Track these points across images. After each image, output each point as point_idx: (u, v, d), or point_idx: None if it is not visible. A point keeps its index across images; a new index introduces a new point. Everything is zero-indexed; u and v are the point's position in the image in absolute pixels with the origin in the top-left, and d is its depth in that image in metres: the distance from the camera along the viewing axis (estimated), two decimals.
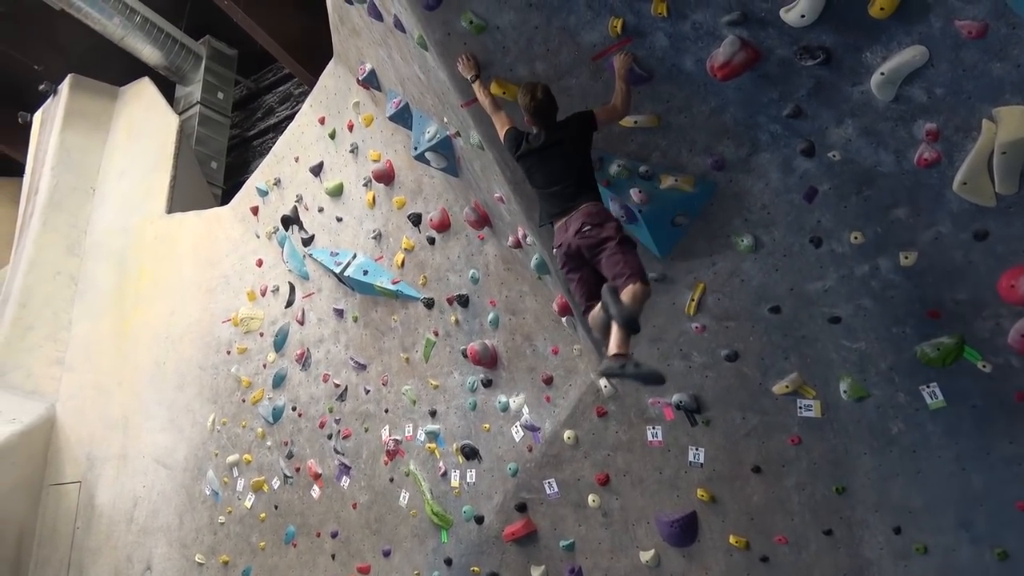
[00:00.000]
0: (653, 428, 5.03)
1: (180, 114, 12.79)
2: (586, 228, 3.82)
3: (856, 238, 4.03)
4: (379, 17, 5.25)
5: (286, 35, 10.97)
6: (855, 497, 4.35)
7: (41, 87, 13.37)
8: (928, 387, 4.04)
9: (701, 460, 4.85)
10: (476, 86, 4.26)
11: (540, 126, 3.99)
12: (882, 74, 3.52)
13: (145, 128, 12.40)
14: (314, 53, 10.02)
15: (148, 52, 12.72)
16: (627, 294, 3.58)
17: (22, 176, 13.97)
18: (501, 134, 4.20)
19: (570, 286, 4.08)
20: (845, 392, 4.29)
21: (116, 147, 12.76)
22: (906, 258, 3.91)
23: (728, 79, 3.85)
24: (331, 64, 7.66)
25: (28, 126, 14.01)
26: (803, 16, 3.47)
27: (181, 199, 11.37)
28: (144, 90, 12.90)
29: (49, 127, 13.09)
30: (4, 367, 11.06)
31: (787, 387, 4.47)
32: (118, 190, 12.17)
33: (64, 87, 13.12)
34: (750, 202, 4.29)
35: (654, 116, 4.21)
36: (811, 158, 3.97)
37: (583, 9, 3.93)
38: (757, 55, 3.74)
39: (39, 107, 13.84)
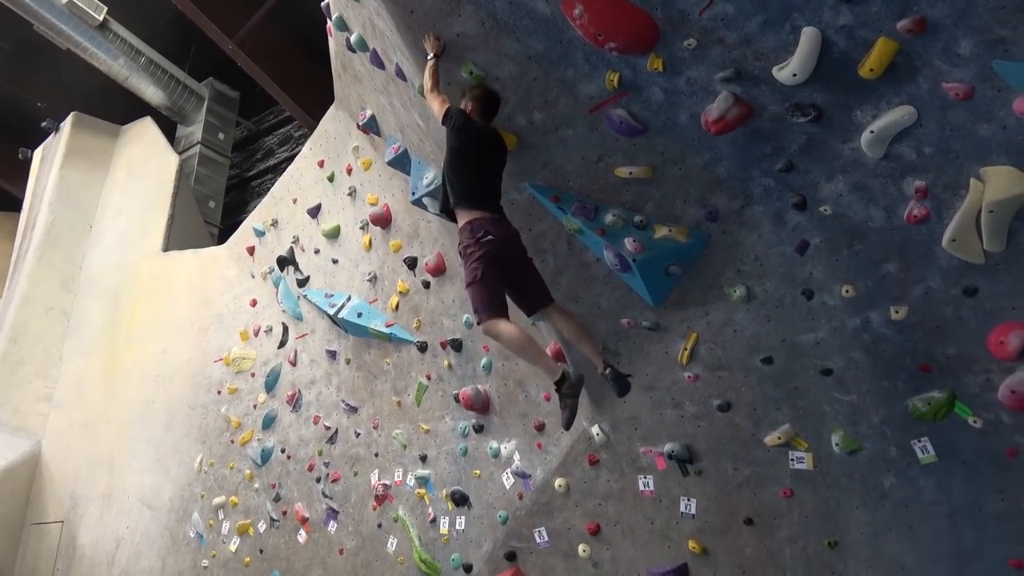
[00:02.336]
0: (645, 477, 5.00)
1: (180, 153, 12.92)
2: (517, 239, 4.16)
3: (847, 291, 4.07)
4: (381, 65, 5.36)
5: (288, 79, 11.17)
6: (847, 552, 4.31)
7: (43, 124, 13.53)
8: (919, 441, 4.03)
9: (693, 511, 4.81)
10: (431, 63, 4.19)
11: (483, 119, 4.10)
12: (872, 132, 3.60)
13: (145, 167, 12.51)
14: (315, 97, 10.19)
15: (151, 92, 12.91)
16: (563, 320, 4.27)
17: (19, 211, 14.03)
18: (441, 111, 4.13)
19: (486, 269, 3.91)
20: (837, 445, 4.29)
21: (115, 185, 12.85)
22: (897, 312, 3.95)
23: (722, 133, 3.93)
24: (332, 108, 7.78)
25: (28, 162, 14.12)
26: (795, 75, 3.56)
27: (178, 237, 11.42)
28: (145, 129, 13.05)
29: (49, 163, 13.19)
30: None
31: (779, 438, 4.47)
32: (115, 227, 12.21)
33: (66, 124, 13.26)
34: (743, 253, 4.35)
35: (649, 167, 4.28)
36: (803, 212, 4.04)
37: (581, 63, 4.02)
38: (750, 111, 3.83)
39: (40, 143, 13.97)
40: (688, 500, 4.83)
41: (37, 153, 14.02)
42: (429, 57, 4.21)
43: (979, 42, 3.18)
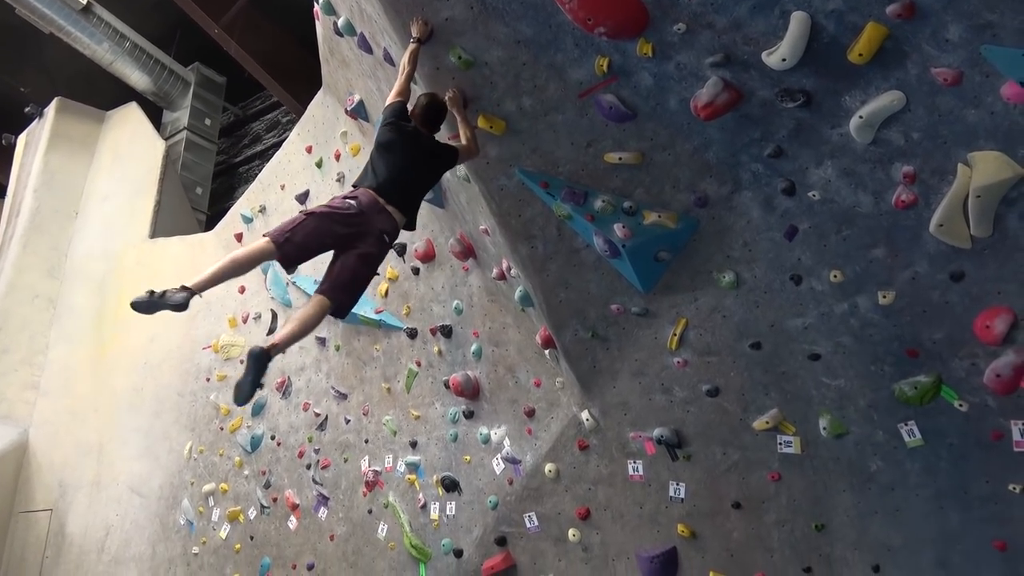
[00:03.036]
0: (634, 462, 5.03)
1: (167, 139, 12.80)
2: (385, 234, 3.87)
3: (836, 276, 4.08)
4: (369, 50, 5.31)
5: (275, 64, 11.08)
6: (834, 534, 4.36)
7: (27, 109, 13.35)
8: (906, 425, 4.07)
9: (682, 495, 4.85)
10: (412, 47, 4.11)
11: (422, 128, 4.08)
12: (860, 117, 3.60)
13: (131, 153, 12.39)
14: (303, 82, 10.11)
15: (136, 77, 12.76)
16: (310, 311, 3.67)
17: (4, 198, 13.88)
18: (391, 99, 4.14)
19: (314, 216, 3.77)
20: (825, 429, 4.32)
21: (101, 171, 12.72)
22: (884, 297, 3.97)
23: (711, 119, 3.92)
24: (320, 94, 7.72)
25: (12, 148, 13.96)
26: (784, 60, 3.56)
27: (165, 224, 11.34)
28: (131, 115, 12.91)
29: (33, 149, 13.05)
30: None
31: (767, 423, 4.50)
32: (101, 214, 12.11)
33: (50, 110, 13.10)
34: (732, 239, 4.35)
35: (638, 153, 4.28)
36: (792, 197, 4.05)
37: (570, 47, 4.00)
38: (739, 96, 3.82)
39: (24, 129, 13.81)
40: (677, 484, 4.86)
41: (21, 139, 13.85)
42: (412, 40, 4.13)
43: (968, 27, 3.18)
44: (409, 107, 4.21)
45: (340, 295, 3.80)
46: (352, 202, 3.84)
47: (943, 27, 3.22)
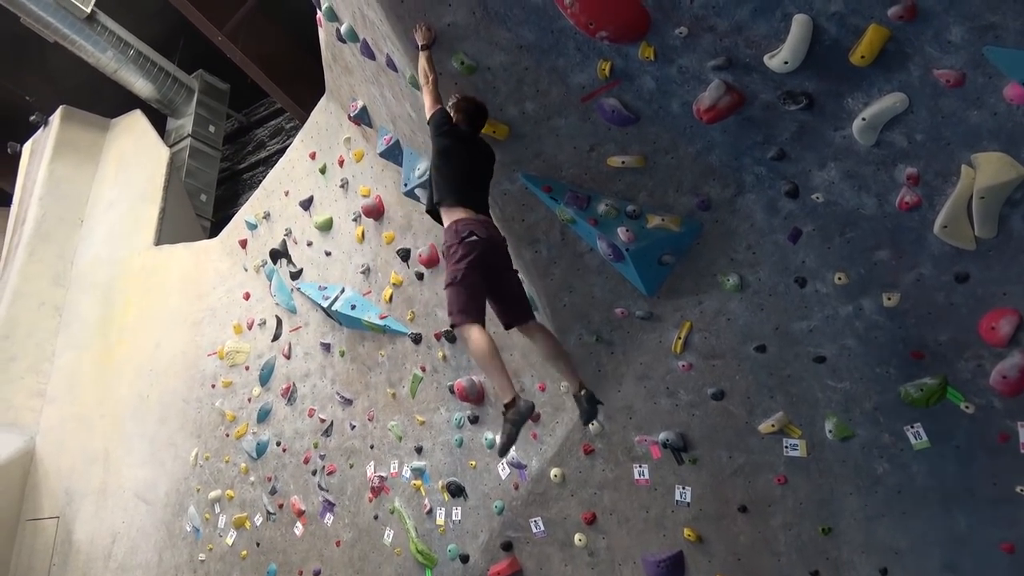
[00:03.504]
0: (640, 466, 5.02)
1: (171, 147, 12.86)
2: (503, 246, 4.09)
3: (840, 279, 4.08)
4: (372, 56, 5.33)
5: (279, 70, 11.11)
6: (841, 537, 4.34)
7: (32, 118, 13.43)
8: (912, 427, 4.06)
9: (688, 499, 4.84)
10: (423, 55, 4.13)
11: (469, 128, 4.11)
12: (863, 119, 3.60)
13: (135, 160, 12.44)
14: (306, 89, 10.15)
15: (141, 85, 12.82)
16: (542, 339, 4.12)
17: (9, 206, 13.94)
18: (431, 109, 4.11)
19: (466, 271, 3.79)
20: (830, 432, 4.31)
21: (106, 178, 12.78)
22: (889, 299, 3.96)
23: (714, 122, 3.93)
24: (323, 100, 7.74)
25: (17, 156, 14.03)
26: (786, 63, 3.56)
27: (169, 231, 11.38)
28: (135, 122, 12.97)
29: (39, 158, 13.11)
30: None
31: (773, 426, 4.49)
32: (106, 221, 12.16)
33: (55, 118, 13.18)
34: (736, 242, 4.35)
35: (641, 157, 4.28)
36: (795, 200, 4.04)
37: (572, 52, 4.01)
38: (742, 99, 3.82)
39: (29, 138, 13.87)
40: (683, 488, 4.85)
41: (26, 147, 13.93)
42: (420, 48, 4.15)
43: (970, 29, 3.18)
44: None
45: (523, 310, 4.18)
46: (474, 238, 3.86)
47: (945, 29, 3.22)
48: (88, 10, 11.48)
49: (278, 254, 8.34)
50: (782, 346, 4.41)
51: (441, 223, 4.11)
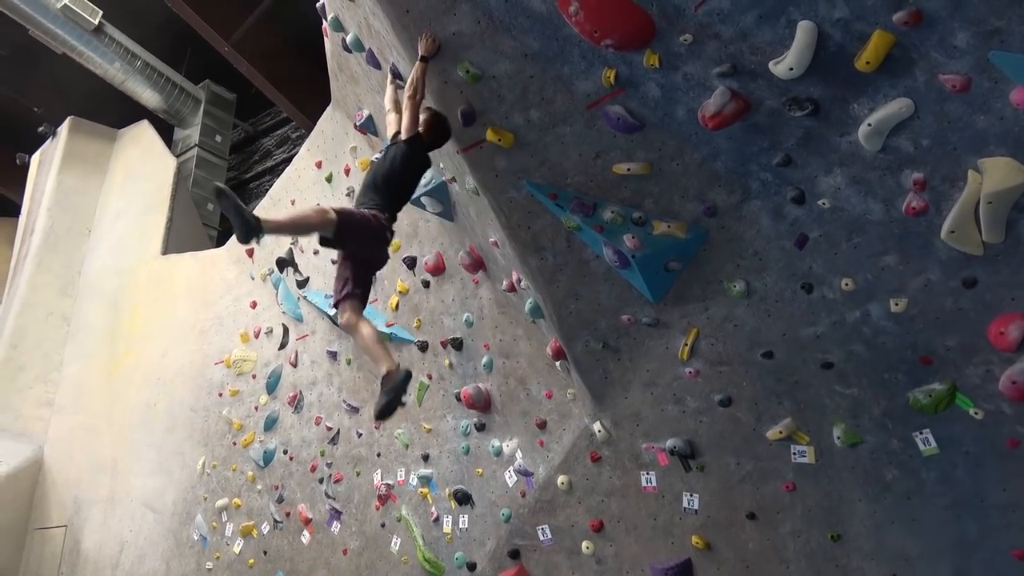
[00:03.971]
0: (647, 473, 5.01)
1: (178, 156, 12.92)
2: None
3: (847, 285, 4.07)
4: (377, 65, 5.35)
5: (285, 80, 11.17)
6: (850, 545, 4.32)
7: (40, 129, 13.52)
8: (921, 433, 4.04)
9: (695, 506, 4.82)
10: (419, 66, 4.14)
11: (429, 142, 4.37)
12: (869, 125, 3.60)
13: (142, 170, 12.51)
14: (312, 98, 10.19)
15: (148, 96, 12.89)
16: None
17: (18, 217, 14.02)
18: (408, 132, 4.26)
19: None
20: (839, 438, 4.29)
21: (113, 189, 12.85)
22: (896, 305, 3.95)
23: (719, 128, 3.93)
24: (329, 109, 7.78)
25: (26, 167, 14.11)
26: (791, 69, 3.56)
27: (177, 241, 11.42)
28: (142, 133, 13.04)
29: (47, 168, 13.19)
30: None
31: (781, 432, 4.47)
32: (114, 231, 12.21)
33: (63, 129, 13.25)
34: (742, 248, 4.35)
35: (646, 163, 4.28)
36: (801, 206, 4.04)
37: (577, 60, 4.02)
38: (747, 105, 3.82)
39: (38, 148, 13.96)
40: (691, 496, 4.83)
41: (35, 158, 14.01)
42: (420, 58, 4.14)
43: (975, 33, 3.18)
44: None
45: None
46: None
47: (950, 34, 3.22)
48: (96, 22, 11.56)
49: (284, 263, 8.36)
50: (789, 352, 4.39)
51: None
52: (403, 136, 4.28)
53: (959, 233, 3.62)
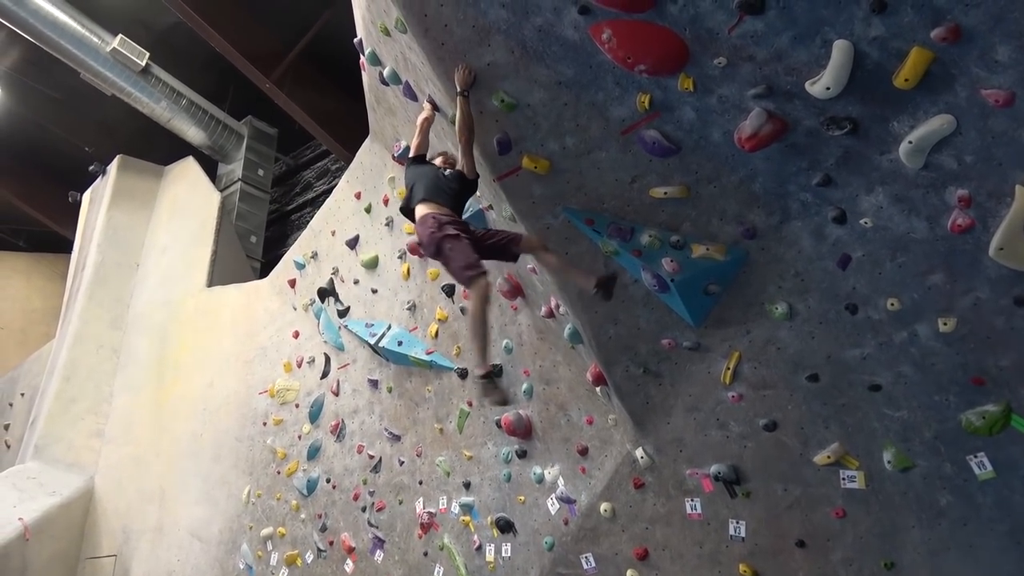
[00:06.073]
0: (692, 500, 4.93)
1: (222, 191, 13.22)
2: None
3: (892, 305, 3.99)
4: (414, 97, 5.44)
5: (324, 114, 11.42)
6: (904, 573, 4.19)
7: (91, 168, 13.97)
8: (975, 457, 3.92)
9: (742, 534, 4.72)
10: (463, 101, 4.20)
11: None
12: (910, 143, 3.55)
13: (188, 205, 12.83)
14: (351, 131, 10.39)
15: (193, 133, 13.26)
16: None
17: (71, 253, 14.48)
18: (470, 173, 4.45)
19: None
20: (889, 462, 4.18)
21: (160, 224, 13.19)
22: (945, 324, 3.86)
23: (756, 150, 3.91)
24: (367, 141, 7.91)
25: (78, 205, 14.59)
26: (828, 88, 3.54)
27: (221, 273, 11.66)
28: (188, 168, 13.41)
29: (97, 206, 13.61)
30: (47, 439, 11.21)
31: (829, 457, 4.37)
32: (161, 265, 12.52)
33: (112, 167, 13.69)
34: (783, 270, 4.30)
35: (684, 187, 4.27)
36: (843, 225, 3.99)
37: (611, 86, 4.04)
38: (784, 126, 3.80)
39: (89, 187, 14.44)
40: (737, 523, 4.74)
41: (86, 196, 14.51)
42: (459, 93, 4.20)
43: (1017, 47, 3.13)
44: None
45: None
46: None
47: (991, 48, 3.18)
48: (143, 63, 11.96)
49: (326, 293, 8.48)
50: (835, 375, 4.31)
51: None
52: (468, 177, 4.44)
53: (1008, 250, 3.53)
